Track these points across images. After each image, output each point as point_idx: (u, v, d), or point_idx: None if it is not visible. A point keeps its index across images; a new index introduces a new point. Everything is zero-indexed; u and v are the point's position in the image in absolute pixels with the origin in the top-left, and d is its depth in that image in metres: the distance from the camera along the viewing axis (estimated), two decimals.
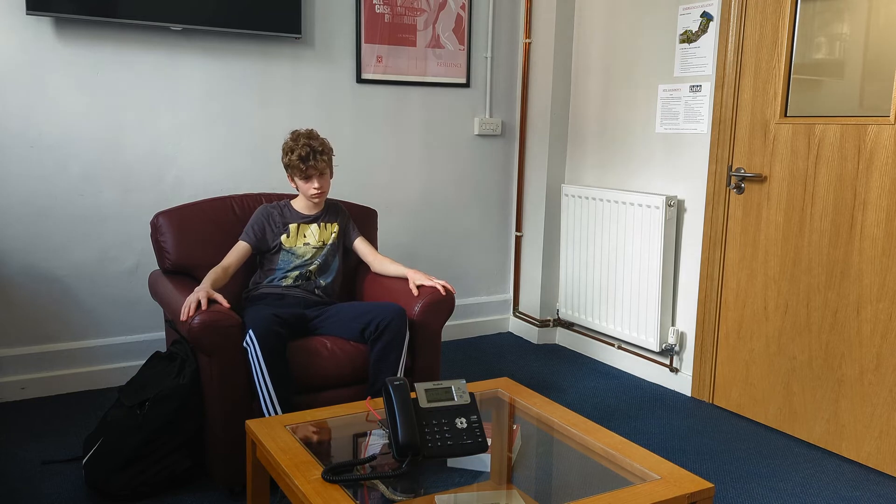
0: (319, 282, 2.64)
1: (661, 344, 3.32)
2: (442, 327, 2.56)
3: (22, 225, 3.00)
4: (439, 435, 1.62)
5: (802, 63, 2.76)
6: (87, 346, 3.16)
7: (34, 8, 2.78)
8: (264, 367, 2.21)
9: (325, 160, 2.59)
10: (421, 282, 2.57)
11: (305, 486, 1.52)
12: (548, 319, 3.98)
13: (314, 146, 2.55)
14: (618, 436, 1.80)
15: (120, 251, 3.18)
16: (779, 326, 2.87)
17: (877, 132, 2.51)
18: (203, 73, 3.22)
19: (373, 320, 2.40)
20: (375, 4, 3.54)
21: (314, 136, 2.60)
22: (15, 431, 2.74)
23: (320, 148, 2.57)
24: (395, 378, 1.66)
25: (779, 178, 2.84)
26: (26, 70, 2.92)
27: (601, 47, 3.63)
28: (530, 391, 2.08)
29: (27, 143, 2.96)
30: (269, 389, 2.21)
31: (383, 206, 3.73)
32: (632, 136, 3.49)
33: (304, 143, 2.55)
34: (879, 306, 2.53)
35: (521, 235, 4.08)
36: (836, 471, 2.58)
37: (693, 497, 1.54)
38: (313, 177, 2.58)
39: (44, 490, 2.32)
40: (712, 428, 2.93)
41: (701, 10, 3.10)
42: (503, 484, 1.65)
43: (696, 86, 3.14)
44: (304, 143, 2.55)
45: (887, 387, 2.53)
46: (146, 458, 2.24)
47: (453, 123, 3.87)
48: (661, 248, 3.23)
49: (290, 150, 2.56)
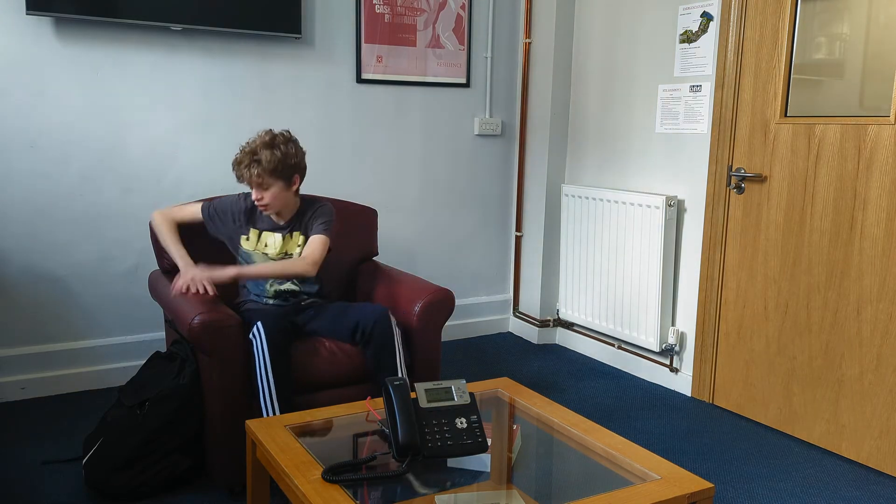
0: (303, 296, 2.57)
1: (661, 344, 3.32)
2: (442, 327, 2.56)
3: (22, 225, 3.00)
4: (439, 435, 1.62)
5: (802, 63, 2.76)
6: (87, 346, 3.16)
7: (34, 8, 2.78)
8: (268, 363, 2.19)
9: (262, 174, 2.36)
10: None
11: (305, 486, 1.52)
12: (548, 319, 3.98)
13: (256, 158, 2.36)
14: (618, 436, 1.80)
15: (120, 251, 3.18)
16: (779, 326, 2.87)
17: (877, 132, 2.51)
18: (203, 73, 3.22)
19: (358, 324, 2.38)
20: (375, 4, 3.54)
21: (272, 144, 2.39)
22: (15, 431, 2.74)
23: (265, 163, 2.36)
24: (394, 378, 1.66)
25: (779, 178, 2.84)
26: (26, 70, 2.92)
27: (601, 47, 3.63)
28: (530, 391, 2.08)
29: (27, 142, 2.96)
30: (270, 386, 2.20)
31: (383, 205, 3.73)
32: (632, 136, 3.49)
33: (248, 152, 2.39)
34: (879, 306, 2.53)
35: (521, 235, 4.08)
36: (836, 471, 2.58)
37: (693, 497, 1.54)
38: (252, 186, 2.42)
39: (44, 490, 2.32)
40: (712, 428, 2.93)
41: (701, 10, 3.10)
42: (503, 484, 1.65)
43: (696, 86, 3.14)
44: (248, 151, 2.39)
45: (887, 387, 2.53)
46: (146, 458, 2.24)
47: (453, 123, 3.87)
48: (661, 248, 3.23)
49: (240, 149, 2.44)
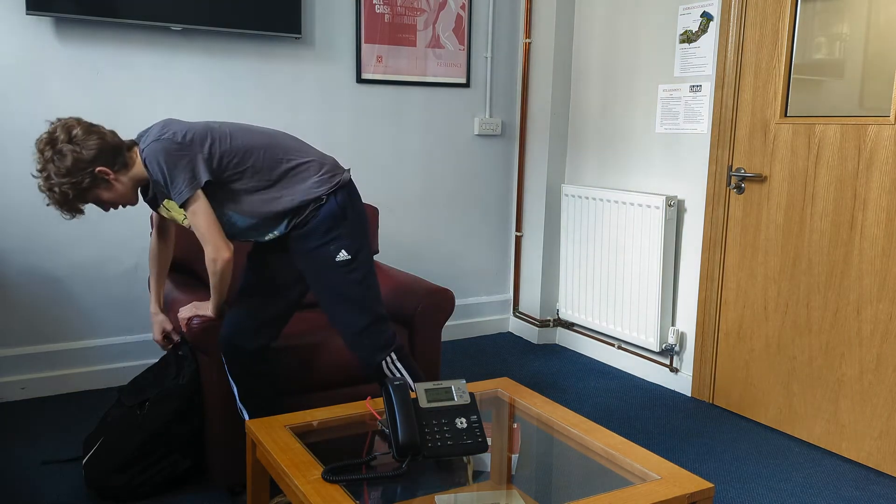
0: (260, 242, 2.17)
1: (661, 344, 3.32)
2: (442, 327, 2.56)
3: (22, 225, 3.00)
4: (439, 435, 1.62)
5: (802, 63, 2.76)
6: (87, 346, 3.16)
7: (34, 8, 2.78)
8: (225, 364, 2.19)
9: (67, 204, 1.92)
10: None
11: (305, 486, 1.52)
12: (548, 319, 3.98)
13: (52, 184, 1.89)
14: (618, 436, 1.80)
15: (120, 251, 3.18)
16: (779, 326, 2.87)
17: (877, 132, 2.51)
18: (203, 73, 3.22)
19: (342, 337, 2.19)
20: (375, 4, 3.54)
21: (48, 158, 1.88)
22: (15, 431, 2.74)
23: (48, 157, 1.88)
24: (394, 378, 1.66)
25: (779, 178, 2.84)
26: (26, 70, 2.92)
27: (601, 47, 3.63)
28: (530, 391, 2.08)
29: (28, 143, 2.96)
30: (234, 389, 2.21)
31: (383, 205, 3.73)
32: (632, 136, 3.49)
33: (44, 185, 1.90)
34: (879, 306, 2.53)
35: (521, 235, 4.08)
36: (836, 471, 2.58)
37: (693, 497, 1.54)
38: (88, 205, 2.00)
39: (44, 490, 2.32)
40: (712, 428, 2.93)
41: (701, 10, 3.10)
42: (503, 484, 1.65)
43: (696, 86, 3.14)
44: (43, 185, 1.90)
45: (887, 387, 2.53)
46: (146, 458, 2.24)
47: (453, 123, 3.87)
48: (661, 248, 3.23)
49: None
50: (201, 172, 1.93)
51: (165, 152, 1.91)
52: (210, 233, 1.96)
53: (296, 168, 2.06)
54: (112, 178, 1.94)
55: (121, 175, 1.96)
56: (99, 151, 1.90)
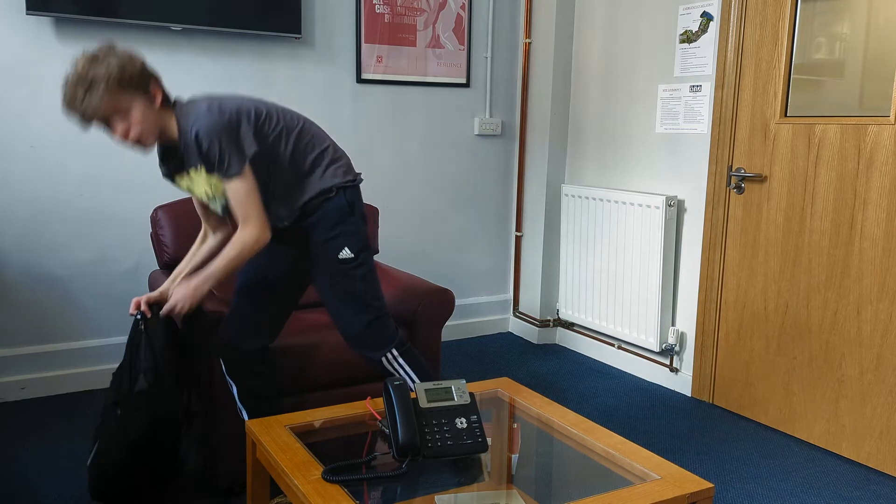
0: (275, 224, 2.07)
1: (661, 344, 3.32)
2: (442, 327, 2.56)
3: (22, 225, 3.00)
4: (439, 435, 1.62)
5: (802, 63, 2.76)
6: (88, 346, 3.16)
7: (34, 8, 2.78)
8: (223, 365, 2.18)
9: (110, 94, 1.82)
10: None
11: (305, 486, 1.51)
12: (548, 319, 3.98)
13: (92, 76, 1.81)
14: (618, 436, 1.80)
15: (119, 251, 3.18)
16: (779, 326, 2.87)
17: (877, 132, 2.51)
18: (203, 74, 3.22)
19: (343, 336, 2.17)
20: (375, 4, 3.54)
21: (97, 58, 1.83)
22: (15, 431, 2.74)
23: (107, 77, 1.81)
24: (394, 378, 1.66)
25: (779, 178, 2.84)
26: (26, 70, 2.92)
27: (601, 47, 3.63)
28: (530, 391, 2.08)
29: (27, 143, 2.96)
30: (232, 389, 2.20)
31: (383, 205, 3.73)
32: (632, 136, 3.49)
33: (76, 80, 1.82)
34: (879, 306, 2.53)
35: (521, 235, 4.08)
36: (836, 471, 2.58)
37: (693, 497, 1.54)
38: (107, 121, 1.88)
39: (44, 490, 2.32)
40: (712, 428, 2.93)
41: (701, 10, 3.10)
42: (503, 484, 1.65)
43: (696, 86, 3.14)
44: (75, 80, 1.82)
45: (887, 387, 2.53)
46: (137, 464, 2.19)
47: (453, 123, 3.87)
48: (661, 248, 3.23)
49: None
50: (249, 145, 1.90)
51: (218, 125, 1.85)
52: (257, 211, 1.92)
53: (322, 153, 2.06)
54: (153, 97, 1.90)
55: (158, 108, 1.91)
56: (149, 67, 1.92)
